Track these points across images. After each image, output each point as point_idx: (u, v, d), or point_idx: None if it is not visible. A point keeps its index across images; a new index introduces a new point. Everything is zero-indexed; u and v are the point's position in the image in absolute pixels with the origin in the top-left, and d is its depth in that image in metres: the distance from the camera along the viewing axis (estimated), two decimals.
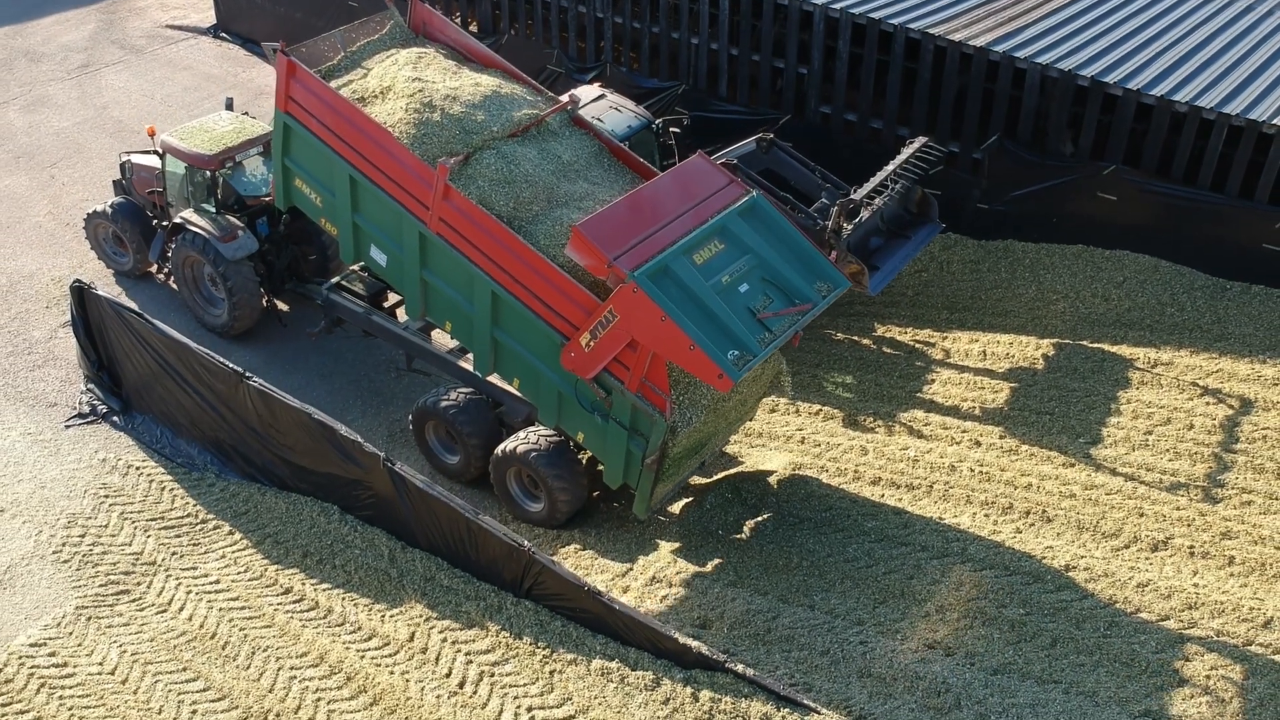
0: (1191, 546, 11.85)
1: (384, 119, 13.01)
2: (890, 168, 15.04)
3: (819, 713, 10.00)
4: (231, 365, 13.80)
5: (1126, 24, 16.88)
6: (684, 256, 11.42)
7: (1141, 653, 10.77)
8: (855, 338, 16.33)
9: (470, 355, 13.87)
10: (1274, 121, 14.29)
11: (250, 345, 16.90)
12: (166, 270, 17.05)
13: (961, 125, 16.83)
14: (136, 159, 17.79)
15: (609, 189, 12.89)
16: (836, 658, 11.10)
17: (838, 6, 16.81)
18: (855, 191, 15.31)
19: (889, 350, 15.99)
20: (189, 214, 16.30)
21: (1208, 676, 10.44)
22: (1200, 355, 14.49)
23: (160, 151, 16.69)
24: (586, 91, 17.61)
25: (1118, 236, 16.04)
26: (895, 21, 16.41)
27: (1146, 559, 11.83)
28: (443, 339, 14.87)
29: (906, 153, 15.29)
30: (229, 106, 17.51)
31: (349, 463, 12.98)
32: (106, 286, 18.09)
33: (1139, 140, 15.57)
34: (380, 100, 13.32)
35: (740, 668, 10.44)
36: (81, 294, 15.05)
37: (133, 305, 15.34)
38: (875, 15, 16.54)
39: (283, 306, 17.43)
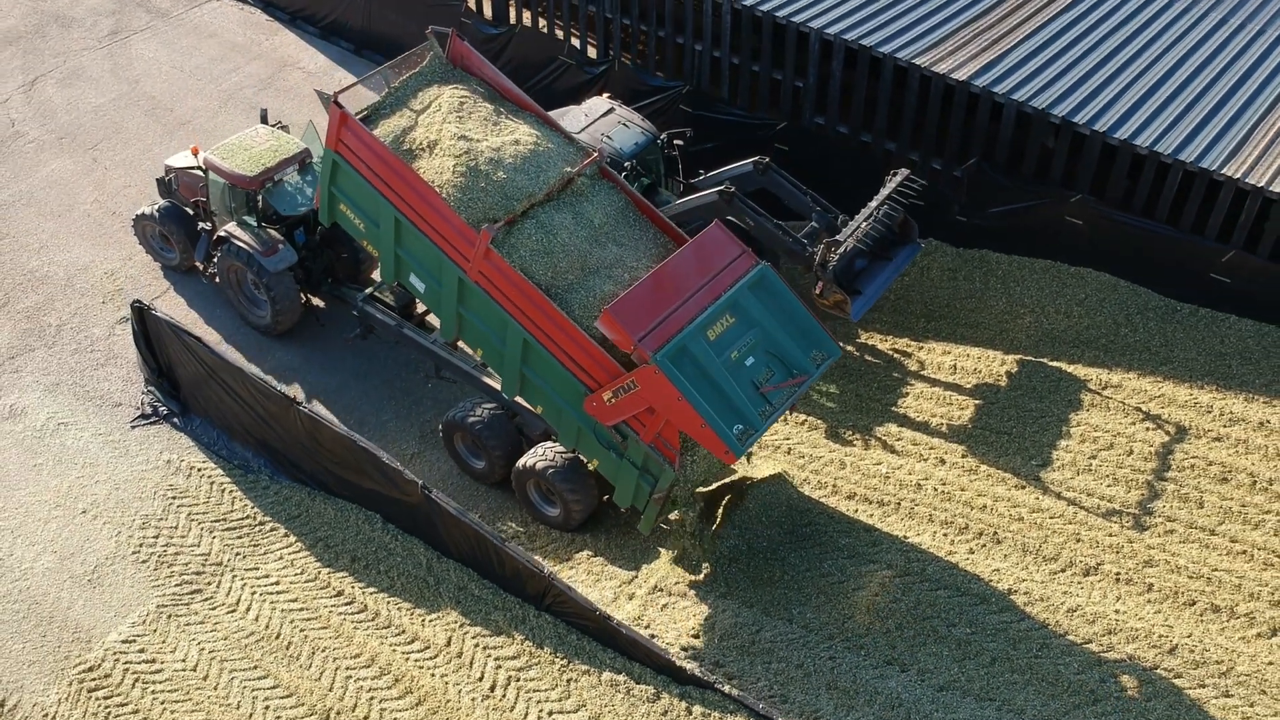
0: (1118, 573, 13.76)
1: (431, 177, 14.29)
2: (874, 204, 16.47)
3: None
4: (283, 390, 15.56)
5: (1094, 53, 17.93)
6: (700, 335, 13.01)
7: (1065, 673, 12.79)
8: (840, 344, 17.94)
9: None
10: (1223, 171, 15.66)
11: (291, 345, 18.58)
12: (212, 272, 18.58)
13: (945, 144, 18.14)
14: (179, 163, 19.17)
15: (635, 251, 14.34)
16: (809, 670, 13.13)
17: (832, 31, 17.95)
18: (841, 220, 16.79)
19: (870, 359, 17.66)
20: (233, 228, 17.80)
21: (1117, 697, 12.47)
22: (1146, 379, 16.17)
23: (204, 168, 18.11)
24: (596, 104, 18.86)
25: (1083, 254, 17.53)
26: (884, 50, 17.59)
27: (1079, 583, 13.75)
28: (467, 351, 16.53)
29: (890, 187, 16.70)
30: (264, 119, 18.82)
31: (390, 485, 14.84)
32: (155, 280, 19.79)
33: (1105, 172, 16.93)
34: (428, 154, 14.54)
35: (727, 688, 12.48)
36: (142, 313, 16.72)
37: (183, 302, 17.06)
38: (866, 42, 17.71)
39: (318, 303, 19.05)
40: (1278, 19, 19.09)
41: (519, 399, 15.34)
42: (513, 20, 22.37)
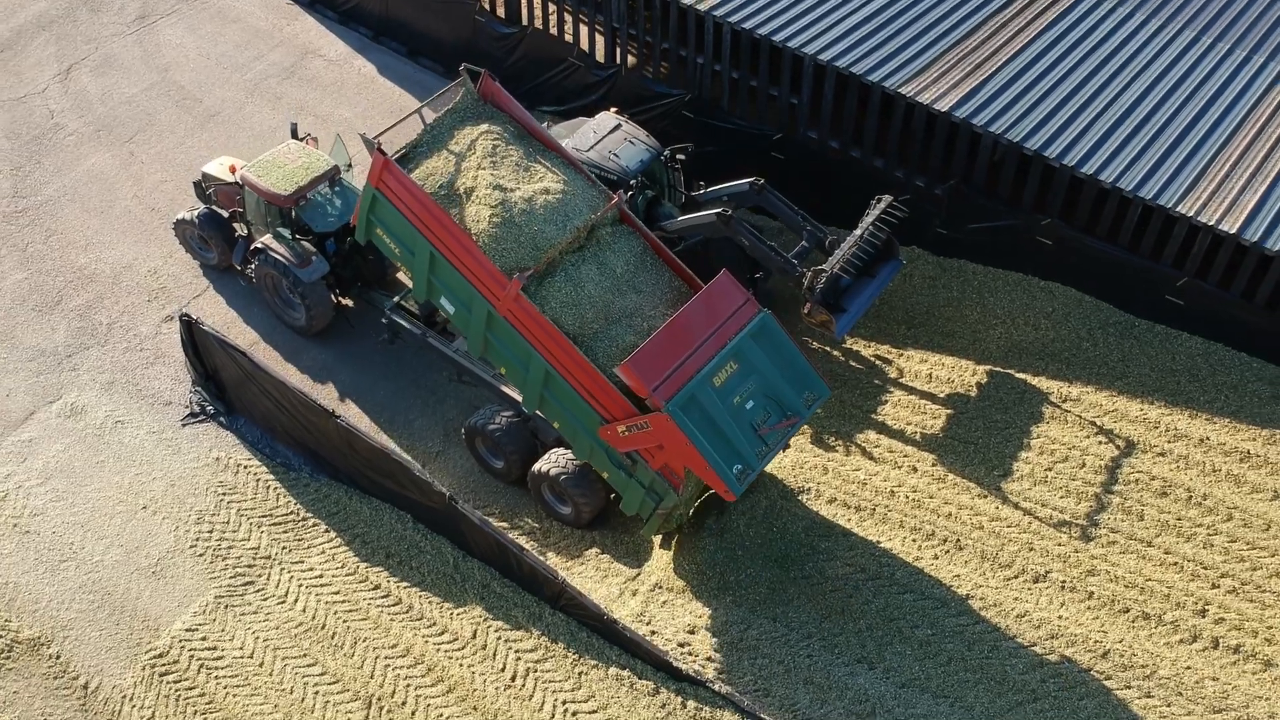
0: (1063, 581, 15.61)
1: (469, 224, 15.72)
2: (859, 231, 17.93)
3: None
4: (322, 404, 17.26)
5: (1066, 82, 19.09)
6: (707, 383, 14.66)
7: (1011, 673, 14.71)
8: (828, 349, 19.58)
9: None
10: (1178, 208, 17.10)
11: (324, 345, 20.21)
12: (250, 274, 20.10)
13: (928, 163, 19.51)
14: (215, 172, 20.59)
15: (652, 299, 15.97)
16: (789, 667, 15.06)
17: (825, 58, 19.18)
18: (830, 242, 18.28)
19: (855, 365, 19.30)
20: (269, 240, 19.31)
21: (1054, 696, 14.40)
22: (1102, 393, 17.82)
23: (241, 184, 19.56)
24: (604, 120, 20.15)
25: (1052, 269, 19.02)
26: (872, 78, 18.87)
27: (1029, 590, 15.60)
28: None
29: (875, 213, 18.15)
30: (294, 134, 20.19)
31: (420, 492, 16.63)
32: (195, 278, 21.35)
33: (1074, 198, 18.35)
34: (465, 200, 15.93)
35: (717, 685, 14.41)
36: (190, 326, 18.36)
37: (222, 301, 18.69)
38: (856, 70, 18.98)
39: (348, 302, 20.62)
40: (1242, 44, 20.26)
41: (537, 411, 17.06)
42: (524, 21, 23.50)
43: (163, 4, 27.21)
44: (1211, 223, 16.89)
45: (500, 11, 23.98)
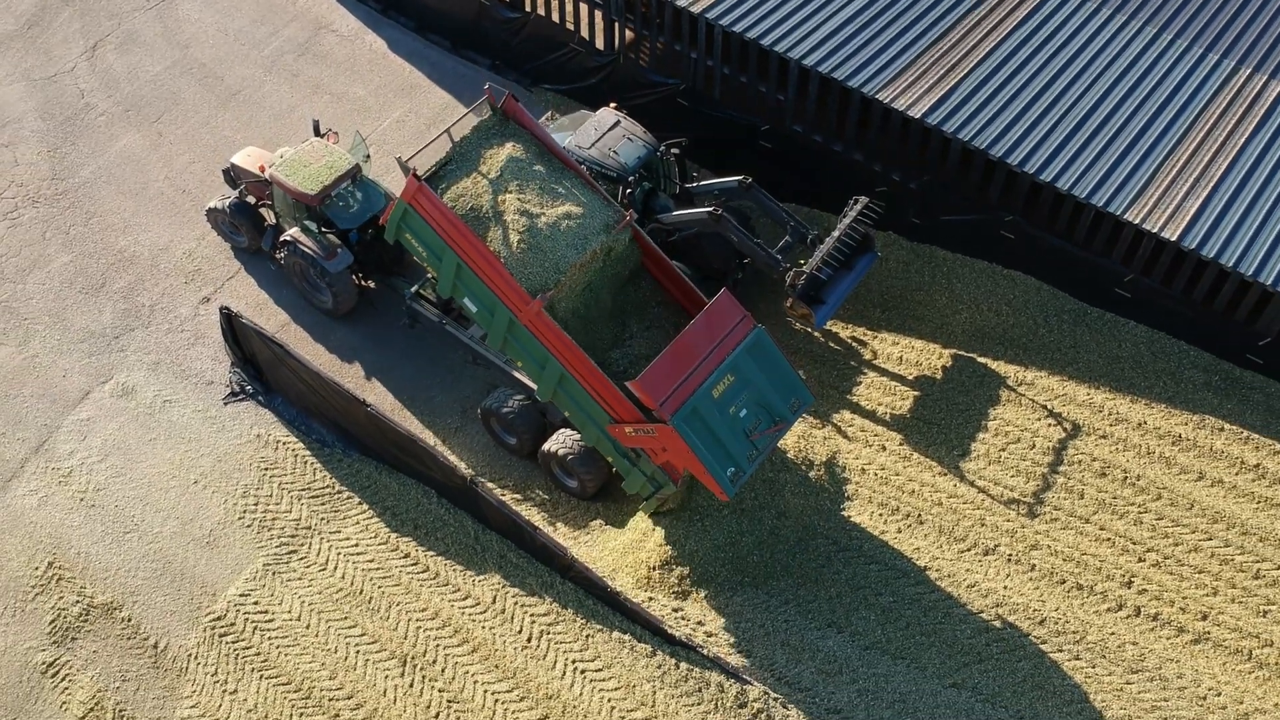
0: (1010, 554, 17.80)
1: (496, 245, 17.31)
2: (837, 232, 19.68)
3: (751, 683, 16.31)
4: (355, 393, 19.21)
5: (1029, 88, 20.58)
6: (707, 395, 16.56)
7: (960, 638, 16.99)
8: (809, 330, 21.47)
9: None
10: (1125, 215, 18.84)
11: (350, 326, 22.05)
12: (279, 259, 21.83)
13: (904, 158, 21.14)
14: (243, 164, 22.20)
15: (658, 307, 17.95)
16: (769, 630, 17.32)
17: (809, 62, 20.67)
18: (813, 238, 20.05)
19: (833, 345, 21.22)
20: (297, 233, 21.03)
21: (996, 658, 16.70)
22: (1054, 378, 19.78)
23: (268, 181, 21.22)
24: (604, 117, 21.64)
25: (1015, 259, 20.82)
26: (853, 83, 20.39)
27: (979, 562, 17.81)
28: None
29: (852, 214, 19.87)
30: (316, 131, 21.75)
31: (444, 473, 18.70)
32: (228, 260, 23.11)
33: (1035, 197, 20.05)
34: (494, 223, 17.46)
35: (706, 650, 16.67)
36: (230, 319, 20.22)
37: (253, 282, 20.55)
38: (837, 75, 20.48)
39: (370, 284, 22.40)
40: (1199, 40, 21.70)
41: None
42: (528, 7, 24.79)
43: None
44: (1154, 229, 18.65)
45: None
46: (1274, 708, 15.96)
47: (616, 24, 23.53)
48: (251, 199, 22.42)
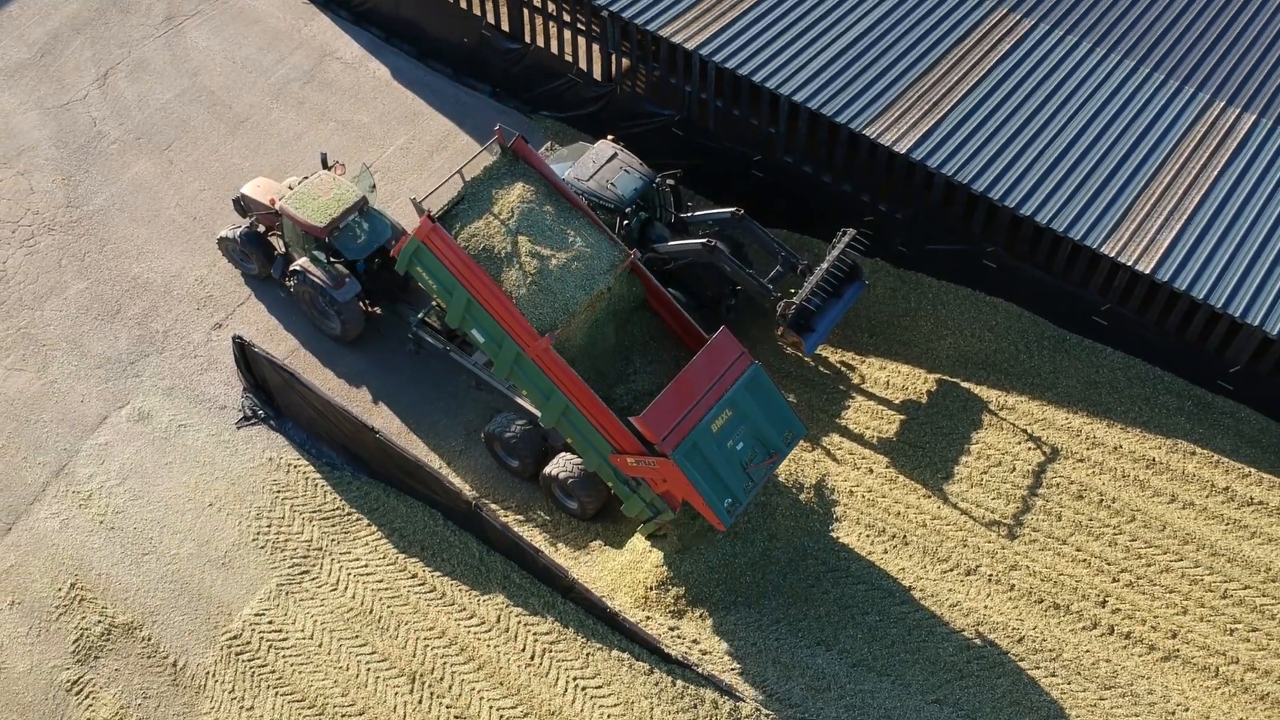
0: (991, 575, 18.66)
1: (507, 285, 18.04)
2: (826, 264, 20.51)
3: (744, 700, 17.17)
4: (364, 421, 20.03)
5: (1011, 122, 21.34)
6: (706, 430, 17.37)
7: (943, 655, 17.85)
8: (800, 354, 22.29)
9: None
10: (1101, 249, 19.69)
11: (357, 351, 22.86)
12: (289, 288, 22.64)
13: (890, 190, 21.96)
14: (253, 194, 22.99)
15: (660, 341, 18.81)
16: (761, 648, 18.18)
17: (799, 98, 21.48)
18: (803, 269, 20.88)
19: (823, 370, 22.06)
20: (306, 263, 21.84)
21: (977, 674, 17.57)
22: (1034, 402, 20.63)
23: (278, 213, 22.03)
24: (602, 150, 22.43)
25: (996, 287, 21.66)
26: (840, 119, 21.20)
27: (961, 582, 18.67)
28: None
29: (839, 247, 20.69)
30: (324, 164, 22.55)
31: (450, 497, 19.54)
32: (238, 286, 23.91)
33: (1016, 229, 20.88)
34: (505, 264, 18.23)
35: (701, 668, 17.53)
36: (243, 347, 21.03)
37: (263, 308, 21.33)
38: (825, 111, 21.29)
39: (376, 310, 23.22)
40: (1175, 74, 22.51)
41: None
42: (527, 39, 25.57)
43: (187, 4, 29.11)
44: (1129, 262, 19.50)
45: (505, 26, 25.99)
46: None
47: (613, 56, 24.31)
48: (261, 228, 23.22)
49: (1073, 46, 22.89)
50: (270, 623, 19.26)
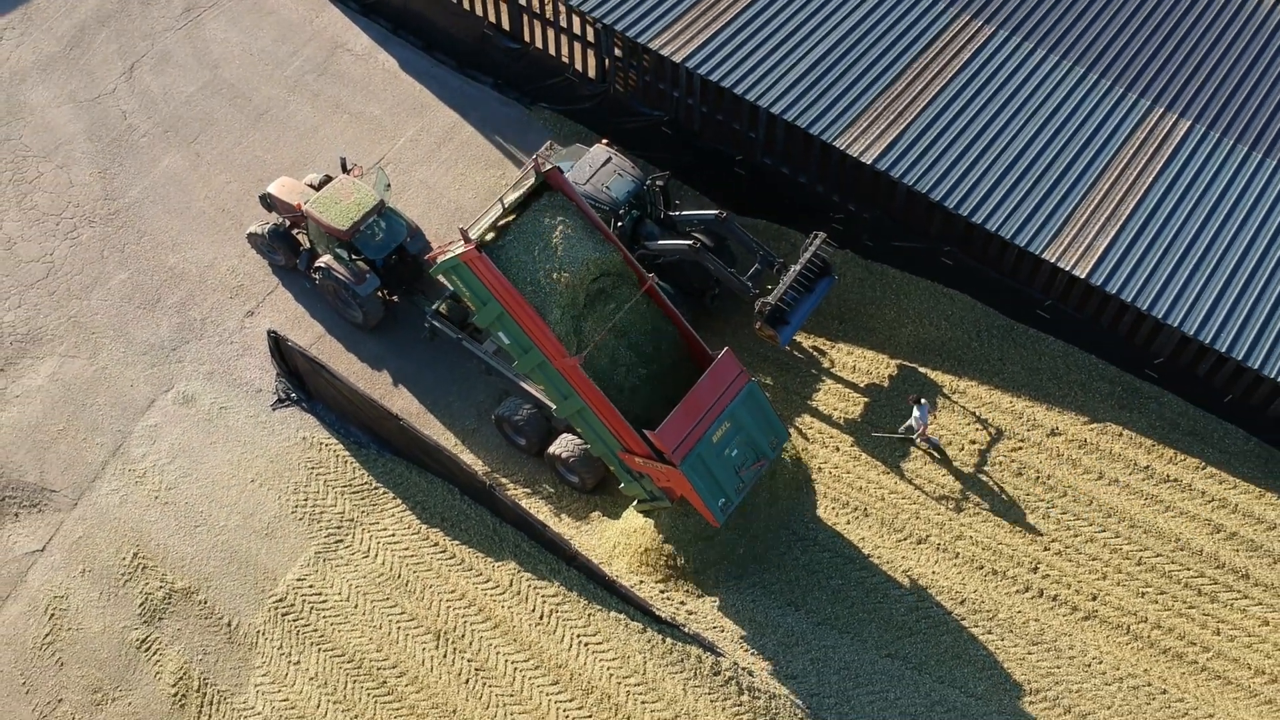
0: (939, 543, 21.42)
1: (544, 311, 19.73)
2: (798, 267, 22.89)
3: (724, 655, 20.00)
4: (388, 409, 22.56)
5: (967, 132, 23.50)
6: (709, 441, 19.81)
7: (895, 614, 20.68)
8: (775, 345, 24.72)
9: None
10: (1043, 253, 22.07)
11: (378, 337, 25.28)
12: (315, 281, 24.98)
13: (858, 191, 24.26)
14: (278, 194, 25.19)
15: (673, 366, 21.04)
16: (739, 608, 20.99)
17: (776, 109, 23.63)
18: (778, 268, 23.26)
19: (797, 354, 24.57)
20: (330, 260, 24.17)
21: (923, 632, 20.43)
22: (983, 387, 23.20)
23: (303, 215, 24.29)
24: (598, 154, 24.63)
25: (953, 279, 24.09)
26: (814, 130, 23.39)
27: (914, 550, 21.43)
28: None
29: (811, 250, 23.05)
30: (344, 168, 24.73)
31: (466, 477, 22.16)
32: (266, 276, 26.23)
33: (969, 233, 23.23)
34: (544, 291, 19.89)
35: (687, 628, 20.33)
36: (277, 340, 23.45)
37: (290, 297, 23.77)
38: (800, 122, 23.47)
39: (394, 299, 25.58)
40: (1115, 89, 24.61)
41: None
42: (527, 39, 27.52)
43: None
44: (1067, 268, 21.91)
45: (506, 26, 27.91)
46: (1144, 673, 19.77)
47: (607, 60, 26.33)
48: (287, 223, 25.45)
49: (1028, 54, 24.99)
50: (311, 586, 22.01)
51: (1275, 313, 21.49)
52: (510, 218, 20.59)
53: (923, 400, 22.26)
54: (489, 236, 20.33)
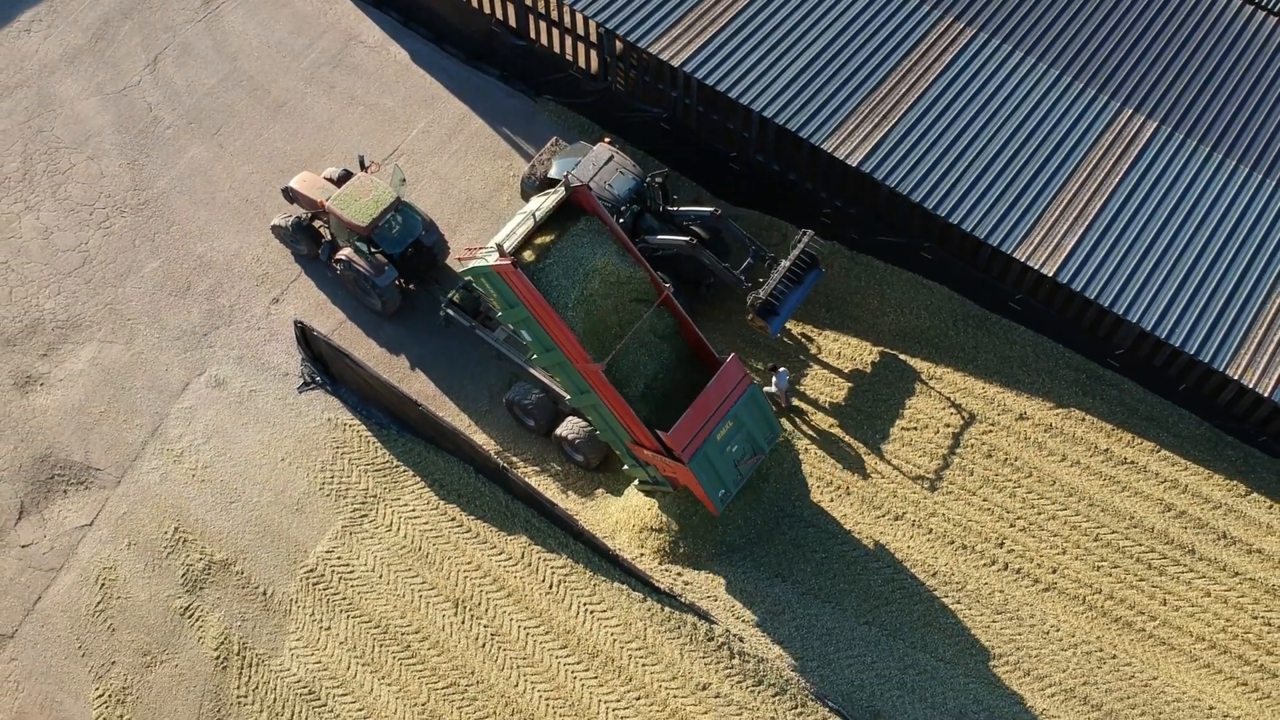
0: (914, 520, 23.40)
1: (573, 324, 21.18)
2: (786, 263, 24.61)
3: (717, 622, 22.05)
4: (410, 394, 24.39)
5: (947, 134, 25.07)
6: (714, 440, 21.56)
7: (873, 585, 22.71)
8: (765, 335, 26.50)
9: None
10: (1014, 252, 23.79)
11: (396, 323, 27.04)
12: (337, 271, 26.68)
13: (845, 188, 25.92)
14: (300, 188, 26.80)
15: (685, 372, 22.68)
16: (730, 579, 23.00)
17: (769, 113, 25.21)
18: (770, 263, 24.98)
19: (787, 341, 26.38)
20: (350, 253, 25.87)
21: (899, 601, 22.46)
22: (958, 374, 25.05)
23: (325, 210, 25.94)
24: (600, 153, 26.23)
25: (932, 271, 25.84)
26: (803, 133, 25.00)
27: (891, 526, 23.41)
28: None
29: (799, 248, 24.76)
30: (362, 165, 26.33)
31: (482, 457, 24.06)
32: (289, 264, 27.93)
33: (947, 230, 24.94)
34: (573, 304, 21.38)
35: (684, 598, 22.34)
36: (304, 330, 25.22)
37: (312, 284, 25.55)
38: (791, 125, 25.06)
39: (411, 287, 27.29)
40: (1087, 91, 26.16)
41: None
42: (532, 36, 28.97)
43: None
44: (1036, 266, 23.66)
45: (512, 23, 29.34)
46: (1097, 639, 21.85)
47: (609, 59, 27.82)
48: (309, 215, 27.09)
49: (1005, 57, 26.52)
50: (339, 558, 24.00)
51: (1226, 310, 23.30)
52: (548, 238, 21.86)
53: (780, 369, 24.46)
54: (527, 255, 21.69)
